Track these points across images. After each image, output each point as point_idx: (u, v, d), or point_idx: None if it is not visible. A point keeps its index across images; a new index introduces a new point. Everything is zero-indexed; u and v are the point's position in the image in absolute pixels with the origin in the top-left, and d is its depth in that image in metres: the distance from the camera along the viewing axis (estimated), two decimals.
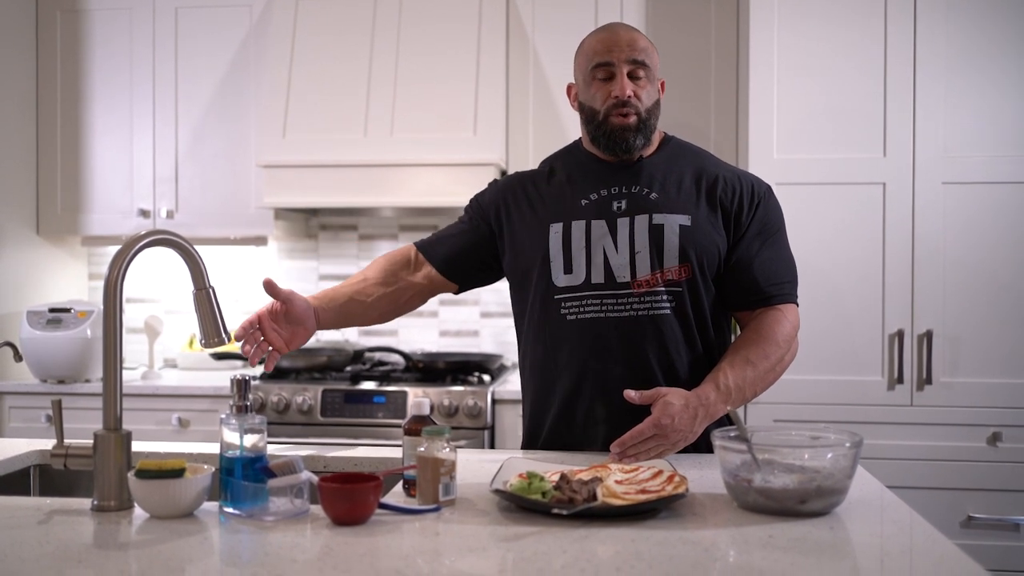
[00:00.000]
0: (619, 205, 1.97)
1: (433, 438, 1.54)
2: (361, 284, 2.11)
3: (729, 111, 3.64)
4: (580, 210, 1.98)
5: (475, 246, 2.11)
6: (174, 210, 3.86)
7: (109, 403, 1.58)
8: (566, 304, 1.96)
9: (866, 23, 3.16)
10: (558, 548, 1.31)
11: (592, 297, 1.94)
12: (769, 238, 2.00)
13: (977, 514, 3.08)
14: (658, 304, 1.93)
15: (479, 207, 2.13)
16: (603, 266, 1.94)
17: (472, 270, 2.14)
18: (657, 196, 1.96)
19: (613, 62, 1.94)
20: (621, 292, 1.93)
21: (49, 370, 3.58)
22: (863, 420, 3.11)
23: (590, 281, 1.94)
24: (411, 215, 4.06)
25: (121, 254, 1.59)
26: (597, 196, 1.98)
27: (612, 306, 1.93)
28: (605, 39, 1.97)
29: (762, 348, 1.93)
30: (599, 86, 1.97)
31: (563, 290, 1.96)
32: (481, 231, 2.10)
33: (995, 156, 3.11)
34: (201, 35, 3.87)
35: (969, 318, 3.12)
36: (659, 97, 2.01)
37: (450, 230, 2.15)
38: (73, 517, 1.50)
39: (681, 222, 1.93)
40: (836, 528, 1.42)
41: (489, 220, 2.09)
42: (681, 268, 1.93)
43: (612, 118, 1.94)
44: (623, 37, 1.96)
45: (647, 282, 1.93)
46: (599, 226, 1.95)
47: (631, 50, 1.94)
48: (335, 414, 3.39)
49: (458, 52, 3.62)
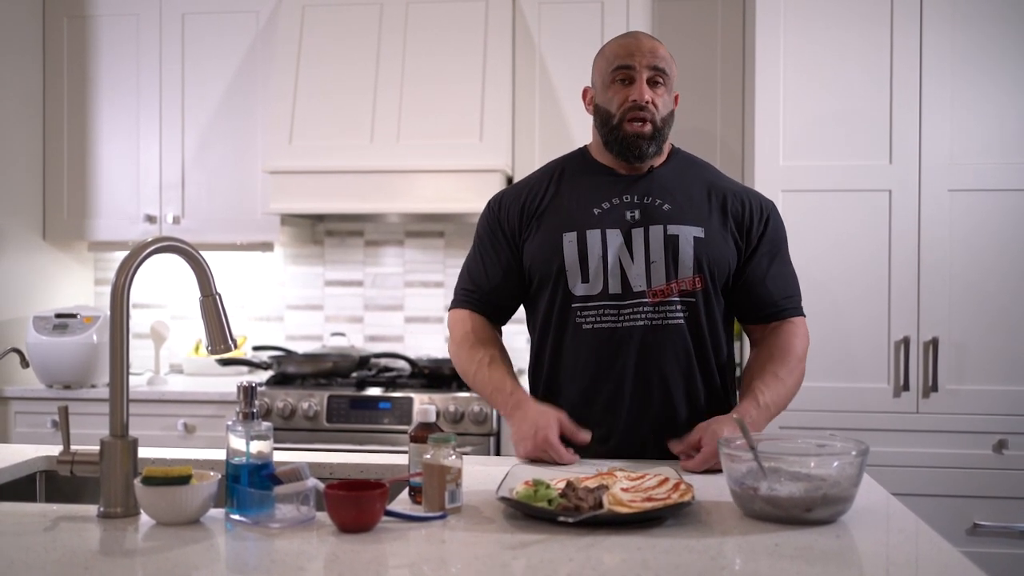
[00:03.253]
0: (632, 215, 1.97)
1: (439, 445, 1.54)
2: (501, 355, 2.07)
3: (735, 118, 3.64)
4: (593, 219, 1.98)
5: (513, 279, 2.08)
6: (180, 216, 3.87)
7: (116, 410, 1.58)
8: (582, 313, 1.96)
9: (873, 30, 3.16)
10: (564, 556, 1.31)
11: (609, 307, 1.95)
12: (777, 253, 2.05)
13: (983, 522, 3.07)
14: (672, 314, 1.95)
15: (499, 226, 2.09)
16: (620, 276, 1.94)
17: (519, 300, 2.13)
18: (670, 208, 1.98)
19: (634, 66, 1.95)
20: (636, 302, 1.94)
21: (55, 375, 3.58)
22: (869, 427, 3.10)
23: (607, 291, 1.95)
24: (417, 221, 4.06)
25: (128, 261, 1.59)
26: (609, 205, 1.99)
27: (628, 316, 1.95)
28: (628, 44, 1.99)
29: (787, 364, 1.98)
30: (618, 89, 1.98)
31: (580, 299, 1.97)
32: (508, 261, 2.07)
33: (1002, 163, 3.10)
34: (208, 41, 3.88)
35: (975, 325, 3.11)
36: (673, 109, 2.03)
37: (489, 276, 2.08)
38: (79, 524, 1.50)
39: (695, 234, 1.95)
40: (842, 536, 1.41)
41: (513, 238, 2.06)
42: (695, 279, 1.95)
43: (627, 124, 1.96)
44: (645, 44, 1.98)
45: (662, 292, 1.94)
46: (614, 235, 1.96)
47: (653, 57, 1.96)
48: (341, 420, 3.40)
49: (464, 58, 3.63)
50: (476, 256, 2.12)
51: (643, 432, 1.97)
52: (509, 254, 2.07)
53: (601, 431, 1.97)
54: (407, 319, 4.11)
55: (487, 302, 2.10)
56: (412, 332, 4.10)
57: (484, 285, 2.09)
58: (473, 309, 2.10)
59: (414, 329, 4.10)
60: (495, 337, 2.11)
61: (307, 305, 4.17)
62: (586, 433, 1.92)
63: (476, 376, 2.05)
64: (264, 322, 4.17)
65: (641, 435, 1.97)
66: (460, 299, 2.12)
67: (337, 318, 4.14)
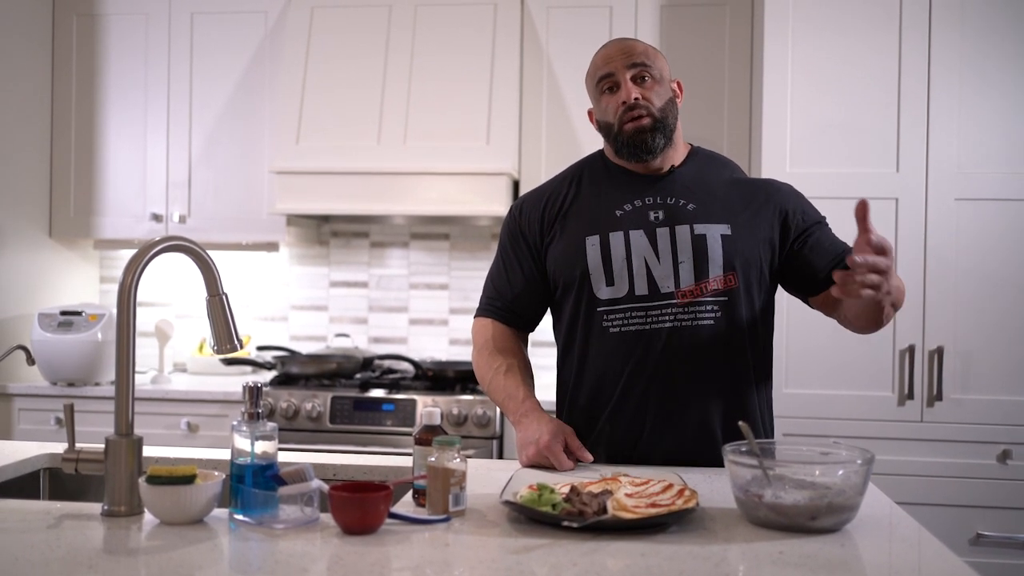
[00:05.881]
0: (656, 216, 1.96)
1: (444, 448, 1.54)
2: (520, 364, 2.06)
3: (742, 124, 3.63)
4: (615, 221, 1.97)
5: (536, 286, 2.07)
6: (186, 215, 3.87)
7: (121, 409, 1.58)
8: (609, 316, 1.95)
9: (880, 38, 3.16)
10: (568, 561, 1.31)
11: (636, 309, 1.93)
12: (816, 223, 2.01)
13: (986, 532, 3.07)
14: (703, 314, 1.92)
15: (521, 234, 2.08)
16: (646, 277, 1.93)
17: (544, 307, 2.13)
18: (695, 207, 1.96)
19: (613, 71, 1.97)
20: (664, 303, 1.92)
21: (59, 373, 3.59)
22: (873, 436, 3.09)
23: (634, 293, 1.93)
24: (423, 223, 4.07)
25: (136, 260, 1.59)
26: (631, 207, 1.98)
27: (656, 317, 1.92)
28: (604, 54, 2.01)
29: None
30: (608, 98, 1.99)
31: (606, 303, 1.95)
32: (530, 269, 2.06)
33: (1009, 173, 3.10)
34: (216, 41, 3.89)
35: (981, 335, 3.11)
36: (673, 96, 2.01)
37: (512, 284, 2.08)
38: (83, 522, 1.51)
39: (722, 231, 1.93)
40: (847, 545, 1.41)
41: (535, 244, 2.06)
42: (727, 277, 1.93)
43: (625, 125, 1.95)
44: (618, 47, 2.00)
45: (691, 292, 1.92)
46: (638, 236, 1.94)
47: (628, 56, 1.97)
48: (344, 421, 3.40)
49: (472, 61, 3.63)
50: (499, 264, 2.12)
51: (674, 437, 1.93)
52: (532, 261, 2.06)
53: (629, 436, 1.95)
54: (411, 321, 4.11)
55: (510, 310, 2.09)
56: (416, 334, 4.10)
57: (507, 294, 2.09)
58: (496, 318, 2.10)
59: (418, 331, 4.10)
60: (517, 347, 2.10)
61: (311, 306, 4.17)
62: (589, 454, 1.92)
63: (492, 383, 2.05)
64: (268, 322, 4.17)
65: (671, 441, 1.93)
66: (484, 308, 2.12)
67: (341, 319, 4.14)
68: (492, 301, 2.11)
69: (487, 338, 2.08)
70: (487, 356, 2.07)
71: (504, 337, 2.09)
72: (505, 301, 2.09)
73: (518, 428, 1.95)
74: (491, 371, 2.05)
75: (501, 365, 2.04)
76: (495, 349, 2.06)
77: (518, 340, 2.12)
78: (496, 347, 2.07)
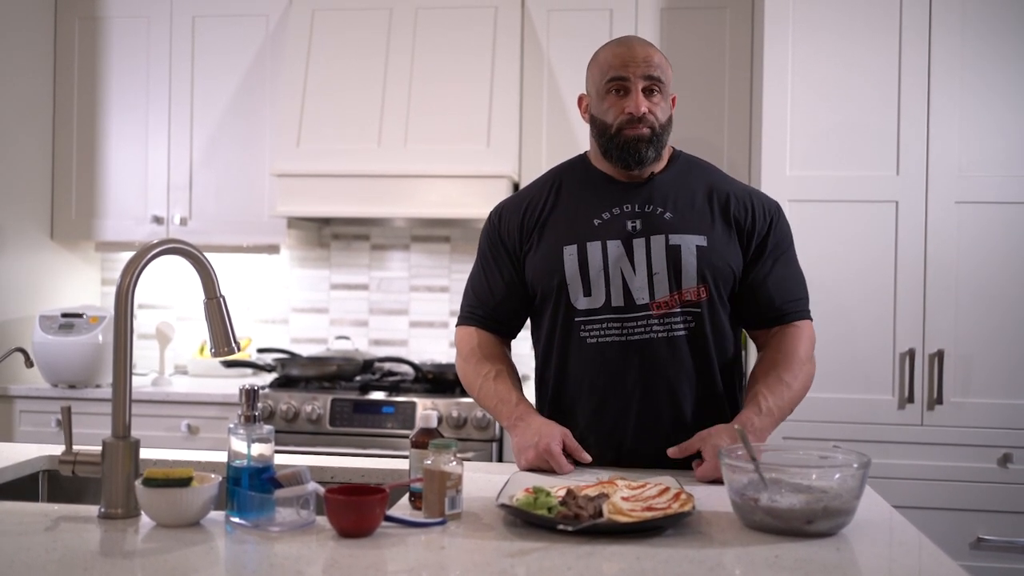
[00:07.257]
0: (633, 225, 1.96)
1: (440, 451, 1.54)
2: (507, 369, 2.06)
3: (742, 127, 3.63)
4: (594, 230, 1.96)
5: (517, 294, 2.07)
6: (188, 217, 3.88)
7: (118, 412, 1.58)
8: (586, 327, 1.95)
9: (881, 41, 3.15)
10: (563, 564, 1.31)
11: (612, 320, 1.94)
12: (782, 255, 2.01)
13: (987, 536, 3.06)
14: (676, 325, 1.93)
15: (500, 241, 2.08)
16: (622, 288, 1.93)
17: (526, 314, 2.12)
18: (671, 216, 1.96)
19: (628, 77, 1.93)
20: (640, 314, 1.93)
21: (60, 375, 3.59)
22: (873, 439, 3.09)
23: (610, 304, 1.94)
24: (423, 226, 4.07)
25: (133, 262, 1.59)
26: (609, 215, 1.97)
27: (632, 329, 1.93)
28: (621, 54, 1.95)
29: (792, 368, 1.95)
30: (613, 100, 1.96)
31: (583, 313, 1.95)
32: (511, 276, 2.06)
33: (1009, 176, 3.09)
34: (218, 44, 3.89)
35: (981, 338, 3.10)
36: (671, 113, 2.01)
37: (493, 291, 2.07)
38: (80, 524, 1.51)
39: (698, 243, 1.93)
40: (843, 549, 1.41)
41: (514, 252, 2.05)
42: (699, 288, 1.93)
43: (625, 131, 1.93)
44: (639, 53, 1.94)
45: (665, 303, 1.93)
46: (615, 247, 1.94)
47: (647, 66, 1.93)
48: (344, 424, 3.40)
49: (473, 64, 3.64)
50: (480, 272, 2.11)
51: (654, 446, 1.94)
52: (512, 269, 2.06)
53: (610, 446, 1.96)
54: (412, 323, 4.11)
55: (492, 318, 2.09)
56: (416, 337, 4.10)
57: (488, 301, 2.08)
58: (479, 326, 2.09)
59: (419, 334, 4.10)
60: (502, 353, 2.10)
61: (312, 308, 4.17)
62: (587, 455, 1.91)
63: (481, 389, 2.04)
64: (269, 324, 4.17)
65: (651, 449, 1.94)
66: (465, 316, 2.11)
67: (342, 321, 4.14)
68: (474, 309, 2.10)
69: (472, 346, 2.08)
70: (474, 364, 2.06)
71: (489, 344, 2.08)
72: (487, 309, 2.08)
73: (513, 432, 1.94)
74: (480, 378, 2.04)
75: (490, 371, 2.03)
76: (482, 356, 2.06)
77: (503, 347, 2.12)
78: (483, 354, 2.06)
